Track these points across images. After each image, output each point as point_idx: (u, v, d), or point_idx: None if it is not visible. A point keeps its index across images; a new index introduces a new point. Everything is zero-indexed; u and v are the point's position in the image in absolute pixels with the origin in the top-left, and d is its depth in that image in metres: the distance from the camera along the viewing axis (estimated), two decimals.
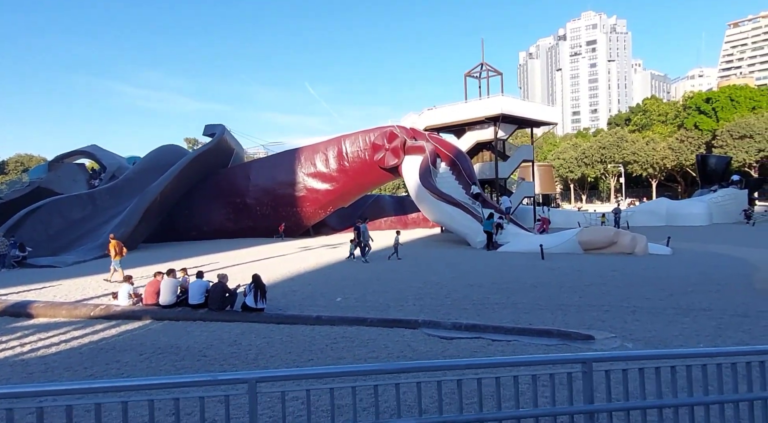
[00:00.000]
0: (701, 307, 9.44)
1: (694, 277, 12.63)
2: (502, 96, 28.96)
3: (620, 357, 3.10)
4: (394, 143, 27.47)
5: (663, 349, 6.84)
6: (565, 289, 11.55)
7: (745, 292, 10.73)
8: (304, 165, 29.97)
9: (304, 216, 30.55)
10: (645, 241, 16.73)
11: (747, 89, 59.68)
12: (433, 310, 9.87)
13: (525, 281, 12.66)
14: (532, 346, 7.42)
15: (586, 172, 67.23)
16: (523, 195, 31.03)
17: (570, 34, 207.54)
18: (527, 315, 9.28)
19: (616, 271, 13.83)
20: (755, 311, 9.04)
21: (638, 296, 10.55)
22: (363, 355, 7.05)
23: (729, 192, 30.47)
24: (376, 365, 3.61)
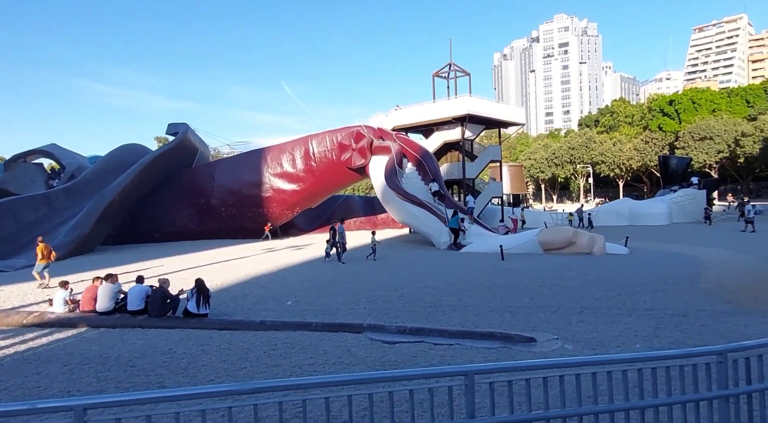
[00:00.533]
0: (645, 307, 9.57)
1: (644, 276, 12.85)
2: (468, 96, 29.09)
3: (504, 368, 3.00)
4: (360, 143, 27.30)
5: (546, 359, 6.86)
6: (518, 290, 11.58)
7: (691, 291, 10.95)
8: (271, 165, 29.52)
9: (271, 217, 30.07)
10: (602, 241, 16.99)
11: (708, 92, 61.69)
12: (383, 313, 9.74)
13: (480, 282, 12.65)
14: (474, 349, 7.36)
15: (556, 172, 68.42)
16: (491, 195, 31.27)
17: (543, 36, 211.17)
18: (476, 317, 9.24)
19: (572, 271, 13.98)
20: (695, 310, 9.20)
21: (588, 297, 10.64)
22: (300, 362, 6.86)
23: (688, 192, 31.38)
24: (228, 386, 3.32)
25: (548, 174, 69.65)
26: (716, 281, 11.89)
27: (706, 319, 8.66)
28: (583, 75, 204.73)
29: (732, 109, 56.97)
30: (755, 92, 58.96)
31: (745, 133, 50.21)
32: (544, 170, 69.39)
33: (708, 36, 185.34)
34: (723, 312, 9.04)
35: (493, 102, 30.28)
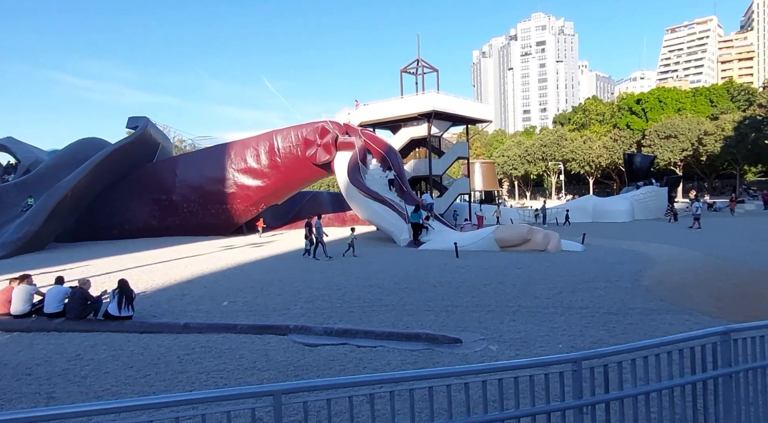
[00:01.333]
0: (581, 305, 9.55)
1: (590, 273, 12.90)
2: (434, 93, 28.97)
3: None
4: (325, 139, 26.97)
5: (427, 370, 6.74)
6: (462, 288, 11.48)
7: (631, 288, 11.00)
8: (235, 160, 28.94)
9: (235, 213, 29.53)
10: (557, 238, 17.06)
11: (674, 91, 63.04)
12: (318, 313, 9.51)
13: (428, 281, 12.53)
14: (396, 351, 7.18)
15: (528, 169, 69.13)
16: (457, 192, 31.27)
17: (521, 34, 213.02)
18: (410, 317, 9.08)
19: (521, 268, 13.97)
20: (627, 308, 9.22)
21: (529, 295, 10.60)
22: (210, 368, 6.58)
23: (650, 190, 31.95)
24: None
25: (521, 171, 70.34)
26: (657, 278, 12.00)
27: (636, 317, 8.66)
28: (559, 73, 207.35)
29: (696, 109, 58.39)
30: (718, 92, 60.53)
31: (708, 132, 51.51)
32: (517, 167, 70.05)
33: (680, 37, 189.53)
34: (654, 310, 9.07)
35: (459, 98, 30.20)
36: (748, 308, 8.99)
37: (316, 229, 17.62)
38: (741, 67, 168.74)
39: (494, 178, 54.96)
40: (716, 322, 8.20)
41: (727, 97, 58.79)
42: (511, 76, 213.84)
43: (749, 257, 15.08)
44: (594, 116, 68.50)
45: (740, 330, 3.69)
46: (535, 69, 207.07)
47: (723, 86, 62.55)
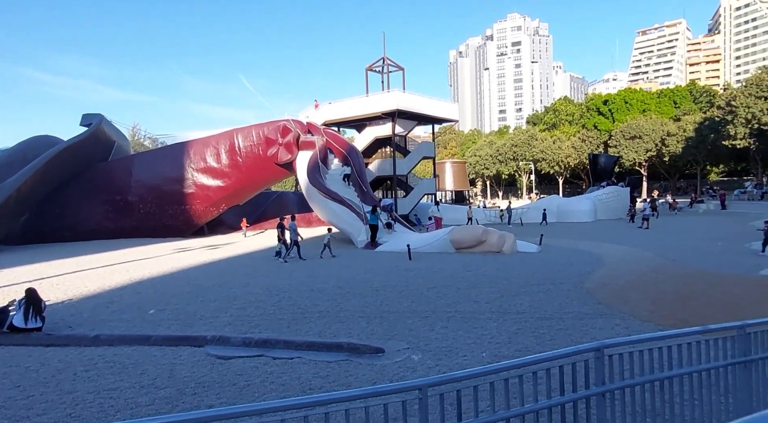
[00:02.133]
0: (517, 310, 9.37)
1: (537, 276, 12.78)
2: (397, 91, 28.71)
3: None
4: (287, 138, 26.42)
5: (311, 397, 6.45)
6: (404, 293, 11.20)
7: (573, 291, 10.89)
8: (194, 160, 28.10)
9: (194, 214, 28.70)
10: (513, 239, 16.96)
11: (639, 93, 64.36)
12: (245, 322, 9.09)
13: (372, 285, 12.21)
14: (312, 363, 6.84)
15: (500, 169, 69.63)
16: (423, 192, 31.08)
17: (497, 34, 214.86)
18: (340, 325, 8.75)
19: (471, 271, 13.78)
20: (563, 313, 9.08)
21: (469, 299, 10.38)
22: (103, 387, 6.11)
23: (613, 190, 32.33)
24: None
25: (493, 171, 70.79)
26: (601, 281, 11.95)
27: (569, 321, 8.52)
28: (534, 74, 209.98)
29: (660, 110, 59.68)
30: (682, 94, 62.05)
31: (670, 132, 52.67)
32: (489, 167, 70.48)
33: (650, 39, 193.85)
34: (587, 314, 8.95)
35: (424, 97, 30.00)
36: (680, 311, 8.94)
37: (291, 230, 17.25)
38: (708, 69, 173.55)
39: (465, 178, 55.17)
40: (644, 326, 8.11)
41: (690, 98, 60.30)
42: (487, 76, 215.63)
43: (695, 257, 15.24)
44: (564, 116, 69.43)
45: (614, 345, 3.46)
46: (511, 69, 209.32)
47: (686, 88, 64.16)
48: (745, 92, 40.69)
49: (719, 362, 3.97)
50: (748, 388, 4.11)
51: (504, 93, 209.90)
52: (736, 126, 40.54)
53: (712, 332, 4.17)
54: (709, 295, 10.02)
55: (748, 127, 39.79)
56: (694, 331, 4.11)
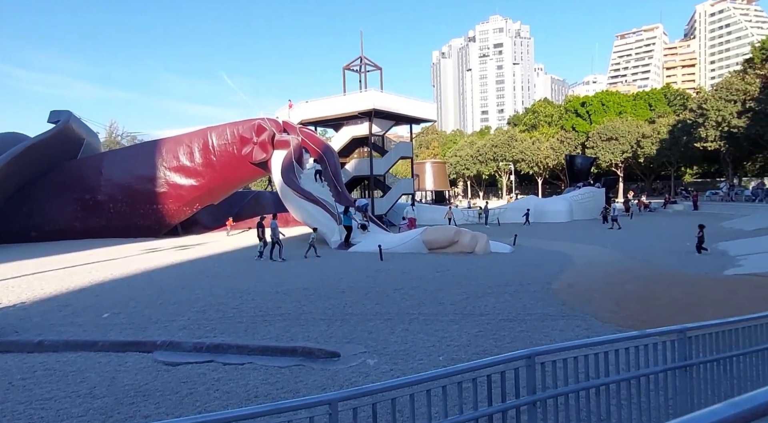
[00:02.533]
0: (481, 312, 9.28)
1: (506, 277, 12.74)
2: (374, 91, 28.55)
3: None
4: (262, 137, 26.03)
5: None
6: (371, 294, 11.04)
7: (539, 293, 10.86)
8: (166, 158, 27.51)
9: (167, 214, 28.10)
10: (485, 240, 16.94)
11: (616, 95, 65.45)
12: (202, 325, 8.81)
13: (339, 286, 12.03)
14: (263, 369, 6.62)
15: (480, 169, 70.01)
16: (401, 192, 30.97)
17: (479, 36, 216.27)
18: (300, 328, 8.53)
19: (440, 272, 13.68)
20: (526, 314, 9.02)
21: (434, 301, 10.26)
22: (39, 396, 5.80)
23: (588, 190, 32.69)
24: None
25: (473, 171, 71.14)
26: (568, 281, 11.96)
27: (531, 323, 8.46)
28: (516, 75, 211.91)
29: (636, 112, 60.75)
30: (656, 97, 63.31)
31: (645, 134, 53.64)
32: (470, 167, 70.80)
33: (629, 43, 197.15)
34: (550, 315, 8.90)
35: (401, 97, 29.88)
36: (642, 312, 8.95)
37: (272, 229, 17.09)
38: (684, 73, 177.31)
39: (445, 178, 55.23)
40: (605, 328, 8.10)
41: (665, 101, 61.53)
42: (469, 77, 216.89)
43: (663, 258, 15.41)
44: (543, 118, 70.17)
45: (545, 352, 3.34)
46: (493, 70, 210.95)
47: (661, 91, 65.46)
48: (716, 96, 41.62)
49: (658, 367, 3.89)
50: (688, 393, 4.04)
51: (486, 94, 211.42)
52: (707, 129, 41.46)
53: (653, 336, 4.10)
54: (673, 296, 10.08)
55: (718, 129, 40.69)
56: (633, 336, 4.03)
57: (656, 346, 4.02)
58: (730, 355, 4.13)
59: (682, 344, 4.05)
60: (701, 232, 15.88)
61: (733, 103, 39.93)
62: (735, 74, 43.74)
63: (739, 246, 16.73)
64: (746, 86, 39.55)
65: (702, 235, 15.87)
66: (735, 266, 13.31)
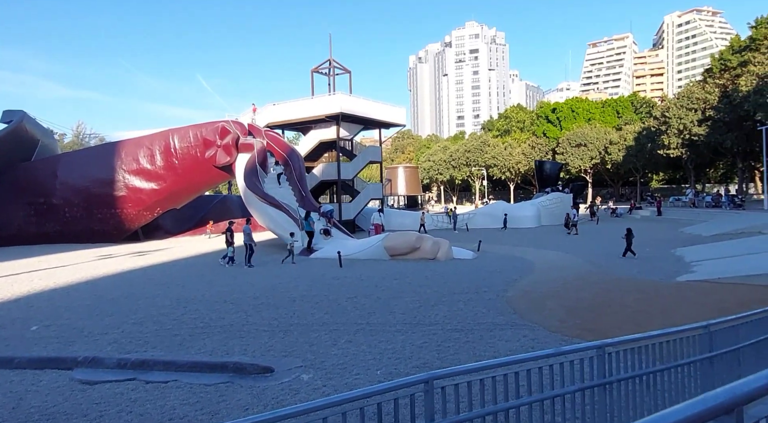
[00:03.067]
0: (431, 321, 9.05)
1: (465, 284, 12.57)
2: (341, 94, 28.26)
3: None
4: (225, 140, 25.43)
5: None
6: (322, 303, 10.70)
7: (494, 301, 10.70)
8: (125, 161, 26.61)
9: (126, 218, 27.17)
10: (447, 246, 16.79)
11: (585, 102, 66.82)
12: (135, 339, 8.32)
13: (290, 295, 11.65)
14: (187, 387, 6.22)
15: (453, 174, 70.38)
16: (369, 197, 30.68)
17: (455, 41, 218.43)
18: (239, 340, 8.14)
19: (398, 279, 13.44)
20: (476, 323, 8.83)
21: (385, 310, 9.99)
22: None
23: (556, 196, 33.02)
24: None
25: (446, 176, 71.45)
26: (525, 289, 11.86)
27: (479, 333, 8.27)
28: (491, 81, 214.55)
29: (604, 119, 62.10)
30: (624, 104, 64.94)
31: (612, 141, 54.85)
32: (443, 172, 71.10)
33: (600, 51, 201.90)
34: (500, 325, 8.73)
35: (369, 101, 29.64)
36: (591, 320, 8.86)
37: (246, 234, 16.97)
38: (653, 82, 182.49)
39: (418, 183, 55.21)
40: (551, 337, 7.96)
41: (632, 109, 63.12)
42: (446, 82, 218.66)
43: (622, 264, 15.51)
44: (515, 123, 71.07)
45: (444, 376, 3.08)
46: (469, 76, 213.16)
47: (628, 99, 67.18)
48: (678, 104, 42.83)
49: (575, 386, 3.69)
50: (607, 411, 3.86)
51: (462, 99, 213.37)
52: (670, 136, 42.59)
53: (570, 354, 3.90)
54: (624, 304, 10.05)
55: (680, 137, 41.84)
56: (548, 354, 3.82)
57: (573, 363, 3.83)
58: (653, 370, 3.96)
59: (601, 361, 3.87)
60: (629, 236, 16.60)
61: (693, 111, 41.15)
62: (696, 84, 45.13)
63: (695, 252, 17.01)
64: (706, 95, 40.79)
65: (630, 239, 16.58)
66: (689, 272, 13.45)
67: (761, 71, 31.89)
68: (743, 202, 32.35)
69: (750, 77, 34.27)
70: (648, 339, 4.02)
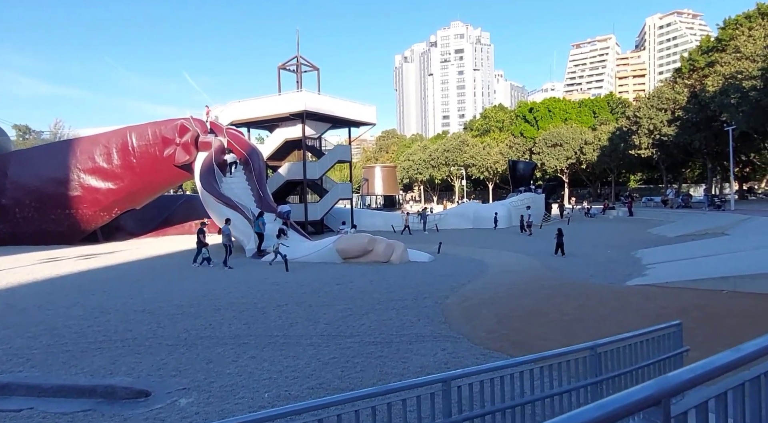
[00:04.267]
0: (352, 333, 8.43)
1: (407, 289, 11.98)
2: (306, 91, 27.53)
3: None
4: (184, 138, 24.55)
5: None
6: (246, 313, 10.02)
7: (430, 308, 10.13)
8: (81, 159, 25.59)
9: (82, 219, 26.12)
10: (402, 248, 16.19)
11: (562, 102, 66.84)
12: (16, 356, 7.54)
13: (218, 302, 10.95)
14: (39, 417, 5.50)
15: (433, 174, 69.93)
16: (337, 197, 29.96)
17: (441, 41, 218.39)
18: (133, 358, 7.41)
19: (340, 284, 12.79)
20: (399, 335, 8.23)
21: (309, 320, 9.34)
22: None
23: (528, 196, 32.60)
24: None
25: (426, 176, 70.99)
26: (466, 295, 11.30)
27: (396, 346, 7.66)
28: (477, 81, 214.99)
29: (581, 119, 62.11)
30: (600, 104, 65.05)
31: (587, 141, 54.80)
32: (422, 172, 70.64)
33: (584, 52, 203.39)
34: (423, 336, 8.14)
35: (336, 99, 28.92)
36: (520, 331, 8.31)
37: (225, 235, 16.81)
38: (635, 83, 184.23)
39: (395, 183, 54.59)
40: (472, 350, 7.39)
41: (608, 109, 63.21)
42: (431, 82, 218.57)
43: (579, 266, 15.07)
44: (494, 123, 70.85)
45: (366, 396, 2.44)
46: (454, 76, 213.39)
47: (605, 99, 67.36)
48: (648, 104, 42.76)
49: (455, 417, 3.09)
50: None
51: (447, 99, 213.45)
52: (640, 136, 42.49)
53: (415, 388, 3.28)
54: (563, 311, 9.53)
55: (650, 137, 41.76)
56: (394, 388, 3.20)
57: (420, 398, 3.23)
58: (498, 408, 3.36)
59: (447, 396, 3.26)
60: (559, 237, 17.59)
61: (663, 111, 41.07)
62: (666, 84, 45.11)
63: (654, 254, 16.64)
64: (675, 95, 40.72)
65: (560, 239, 17.56)
66: (641, 275, 13.02)
67: (727, 71, 31.78)
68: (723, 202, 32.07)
69: (716, 78, 34.18)
70: (489, 371, 3.43)
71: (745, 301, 9.83)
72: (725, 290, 10.59)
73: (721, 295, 10.40)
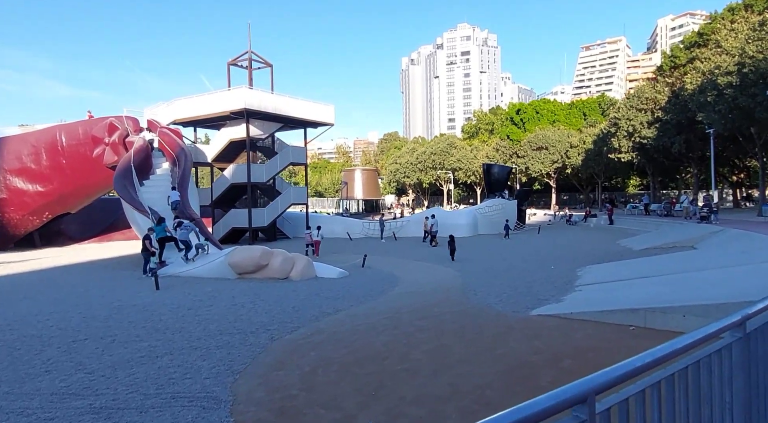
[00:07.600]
0: (107, 388, 6.51)
1: (266, 316, 10.04)
2: (244, 88, 25.71)
3: None
4: (113, 137, 22.91)
5: None
6: (20, 351, 8.12)
7: (251, 346, 8.20)
8: (7, 159, 24.15)
9: (8, 224, 24.62)
10: (304, 263, 14.21)
11: (550, 103, 64.07)
12: None
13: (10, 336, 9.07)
14: None
15: (420, 177, 67.65)
16: (289, 202, 27.97)
17: (447, 43, 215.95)
18: None
19: (193, 309, 10.83)
20: (153, 395, 6.25)
21: (78, 365, 7.42)
22: None
23: (497, 203, 30.30)
24: None
25: (414, 179, 68.74)
26: (320, 328, 9.29)
27: (132, 416, 5.67)
28: (483, 84, 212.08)
29: (569, 121, 59.33)
30: (591, 106, 62.10)
31: (573, 144, 52.00)
32: (410, 175, 68.40)
33: (593, 55, 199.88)
34: (181, 398, 6.14)
35: (285, 97, 27.03)
36: (316, 390, 6.25)
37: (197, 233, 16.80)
38: None
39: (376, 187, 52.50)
40: None
41: (599, 110, 60.28)
42: (437, 84, 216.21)
43: (502, 286, 12.83)
44: (483, 126, 68.38)
45: None
46: (460, 78, 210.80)
47: (596, 100, 64.41)
48: (627, 104, 39.90)
49: None
50: None
51: (453, 101, 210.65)
52: (620, 139, 39.62)
53: None
54: (407, 356, 7.44)
55: (630, 140, 38.91)
56: None
57: None
58: None
59: None
60: (451, 243, 18.87)
61: (643, 112, 38.17)
62: (647, 82, 42.11)
63: (595, 272, 14.41)
64: (656, 95, 37.83)
65: (451, 246, 18.79)
66: (557, 301, 10.85)
67: (706, 68, 28.92)
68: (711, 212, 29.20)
69: (695, 75, 31.33)
70: None
71: (648, 344, 7.67)
72: (633, 327, 8.45)
73: (627, 332, 8.27)
